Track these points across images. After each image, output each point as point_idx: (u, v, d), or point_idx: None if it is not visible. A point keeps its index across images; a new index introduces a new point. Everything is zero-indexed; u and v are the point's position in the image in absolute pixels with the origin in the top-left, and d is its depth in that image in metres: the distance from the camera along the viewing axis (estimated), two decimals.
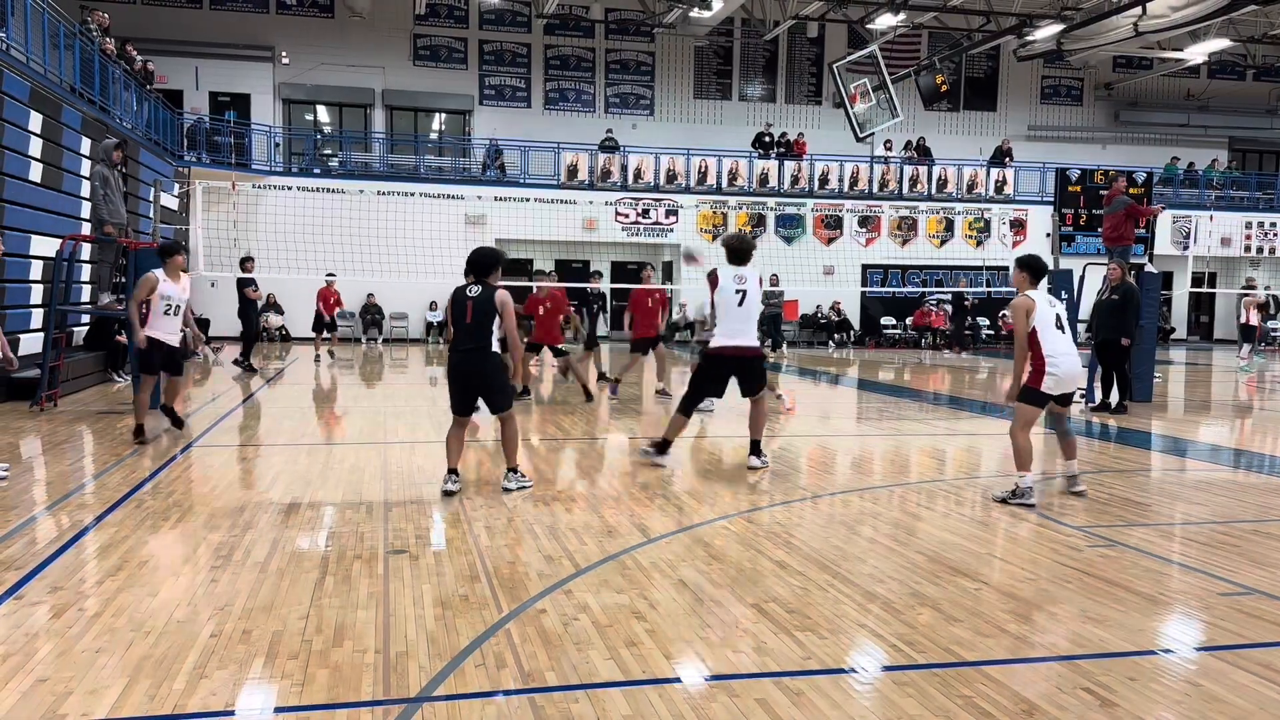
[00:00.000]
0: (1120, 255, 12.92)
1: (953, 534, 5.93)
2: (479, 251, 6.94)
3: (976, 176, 29.50)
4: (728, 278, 7.50)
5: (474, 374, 6.70)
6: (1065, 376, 6.90)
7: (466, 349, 6.67)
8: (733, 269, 7.59)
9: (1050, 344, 6.88)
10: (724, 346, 7.45)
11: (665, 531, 5.84)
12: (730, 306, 7.44)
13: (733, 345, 7.45)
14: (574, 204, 26.15)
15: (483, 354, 6.67)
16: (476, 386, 6.76)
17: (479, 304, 6.64)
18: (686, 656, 3.87)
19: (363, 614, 4.27)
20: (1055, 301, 7.15)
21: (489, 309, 6.64)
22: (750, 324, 7.47)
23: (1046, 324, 6.92)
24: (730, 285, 7.46)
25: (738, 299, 7.40)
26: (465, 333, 6.65)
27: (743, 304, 7.40)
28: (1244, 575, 5.10)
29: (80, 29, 15.65)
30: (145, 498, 6.61)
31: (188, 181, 22.52)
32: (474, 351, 6.66)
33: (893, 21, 25.11)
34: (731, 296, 7.42)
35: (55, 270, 11.74)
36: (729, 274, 7.52)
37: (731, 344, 7.45)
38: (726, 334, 7.45)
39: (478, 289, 6.72)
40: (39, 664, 3.68)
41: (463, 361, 6.71)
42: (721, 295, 7.45)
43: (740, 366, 7.52)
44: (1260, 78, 33.15)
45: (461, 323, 6.67)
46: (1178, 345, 30.02)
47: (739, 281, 7.44)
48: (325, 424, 10.75)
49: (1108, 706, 3.45)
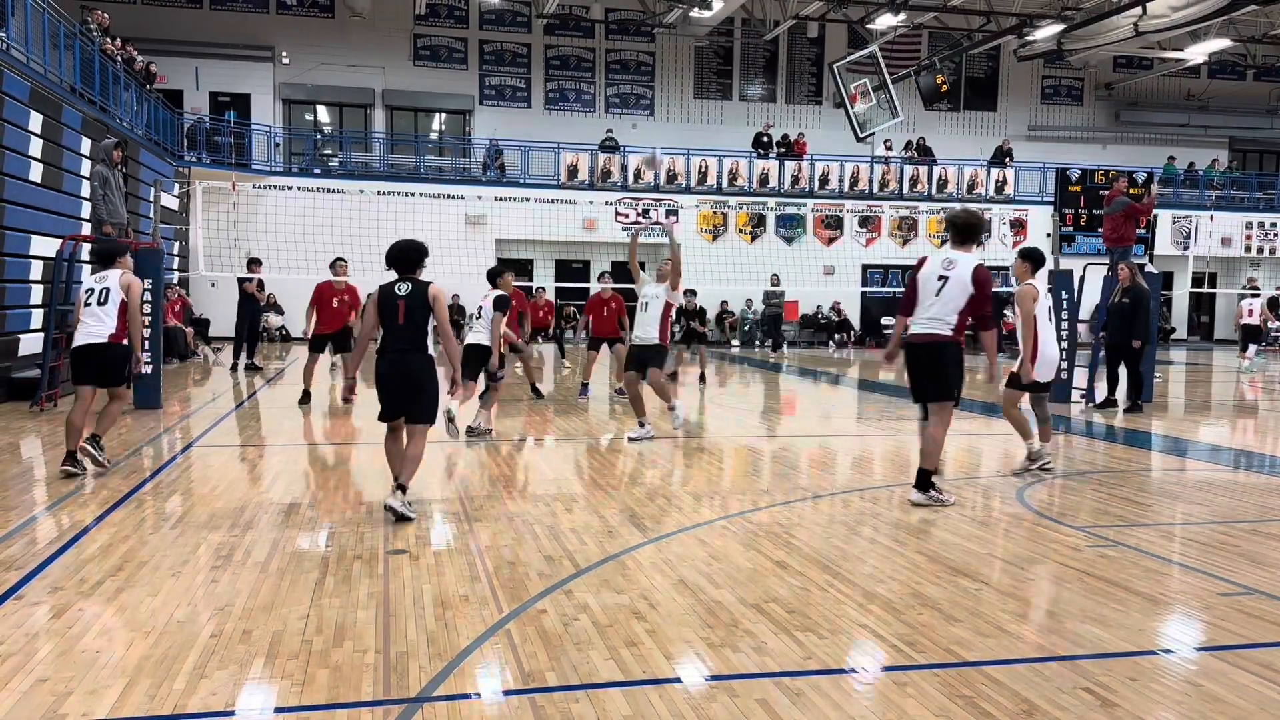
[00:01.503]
0: (1121, 256, 12.92)
1: (953, 534, 5.93)
2: (404, 245, 6.31)
3: (977, 176, 29.51)
4: (935, 260, 6.72)
5: (408, 377, 6.10)
6: (1047, 363, 7.75)
7: (400, 350, 6.10)
8: (944, 252, 6.76)
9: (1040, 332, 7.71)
10: (910, 334, 6.69)
11: (665, 531, 5.84)
12: (927, 292, 6.62)
13: (916, 332, 6.64)
14: (574, 204, 26.16)
15: (417, 356, 6.11)
16: (408, 391, 6.12)
17: (411, 301, 6.08)
18: (686, 656, 3.87)
19: (363, 614, 4.27)
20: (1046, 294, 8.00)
21: (423, 306, 6.09)
22: (943, 313, 6.51)
23: (1041, 313, 7.75)
24: (934, 269, 6.64)
25: (938, 286, 6.55)
26: (397, 334, 6.09)
27: (940, 292, 6.52)
28: (1244, 575, 5.10)
29: (80, 29, 15.65)
30: (145, 498, 6.61)
31: (188, 181, 22.53)
32: (408, 353, 6.09)
33: (893, 21, 25.11)
34: (932, 281, 6.59)
35: (55, 270, 11.74)
36: (938, 257, 6.74)
37: (916, 331, 6.64)
38: (916, 321, 6.66)
39: (407, 286, 6.16)
40: (39, 664, 3.67)
41: (396, 364, 6.10)
42: (921, 280, 6.67)
43: (923, 359, 6.64)
44: (1260, 78, 33.16)
45: (393, 324, 6.11)
46: (1178, 345, 30.02)
47: (946, 266, 6.59)
48: (325, 424, 10.75)
49: (1108, 706, 3.45)
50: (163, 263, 12.03)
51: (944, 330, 6.50)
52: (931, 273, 6.62)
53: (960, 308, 6.48)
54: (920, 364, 6.65)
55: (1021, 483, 7.57)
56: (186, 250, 22.65)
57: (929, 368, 6.60)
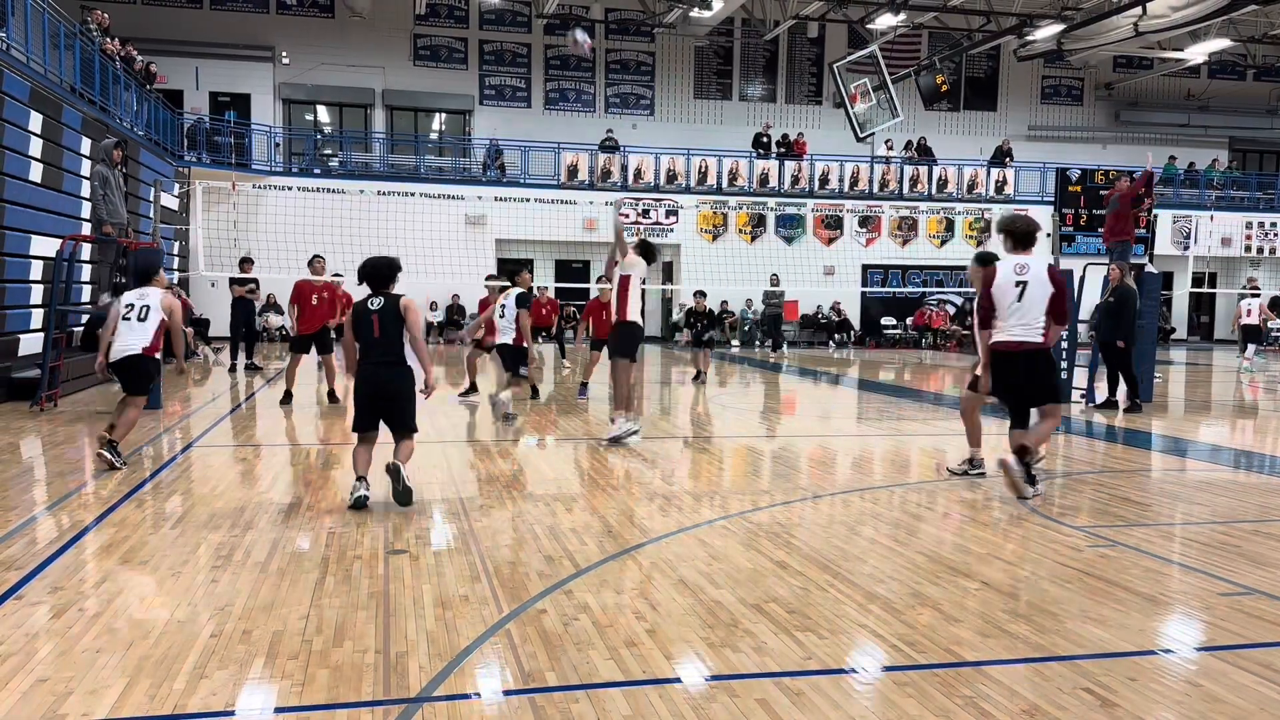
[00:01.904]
0: (1120, 255, 12.91)
1: (953, 534, 5.93)
2: (377, 263, 6.56)
3: (977, 176, 29.51)
4: (1006, 268, 6.72)
5: (386, 388, 6.34)
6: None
7: (375, 362, 6.32)
8: (1013, 258, 6.79)
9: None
10: (998, 342, 6.72)
11: (665, 531, 5.84)
12: (1008, 300, 6.65)
13: (1006, 340, 6.67)
14: (574, 204, 26.17)
15: (394, 368, 6.35)
16: (386, 402, 6.36)
17: (385, 315, 6.32)
18: (686, 656, 3.87)
19: (363, 614, 4.27)
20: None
21: (396, 318, 6.32)
22: (1032, 316, 6.60)
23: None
24: (1010, 276, 6.67)
25: (1017, 292, 6.60)
26: (373, 347, 6.32)
27: (1022, 298, 6.59)
28: (1244, 575, 5.10)
29: (80, 29, 15.65)
30: (145, 498, 6.61)
31: (188, 181, 22.53)
32: (384, 365, 6.31)
33: (893, 21, 25.11)
34: (1010, 289, 6.63)
35: (55, 270, 11.74)
36: (1009, 263, 6.75)
37: (1006, 339, 6.67)
38: (1002, 331, 6.69)
39: (379, 300, 6.39)
40: (39, 664, 3.67)
41: (373, 375, 6.33)
42: (999, 289, 6.68)
43: (1021, 366, 6.70)
44: (1260, 78, 33.17)
45: (369, 338, 6.32)
46: (1178, 345, 30.02)
47: (1020, 271, 6.65)
48: (325, 424, 10.75)
49: (1108, 706, 3.45)
50: (162, 263, 12.01)
51: (1035, 337, 6.62)
52: (1006, 281, 6.66)
53: (1045, 309, 6.58)
54: (1018, 373, 6.70)
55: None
56: (186, 250, 22.65)
57: (1029, 376, 6.70)
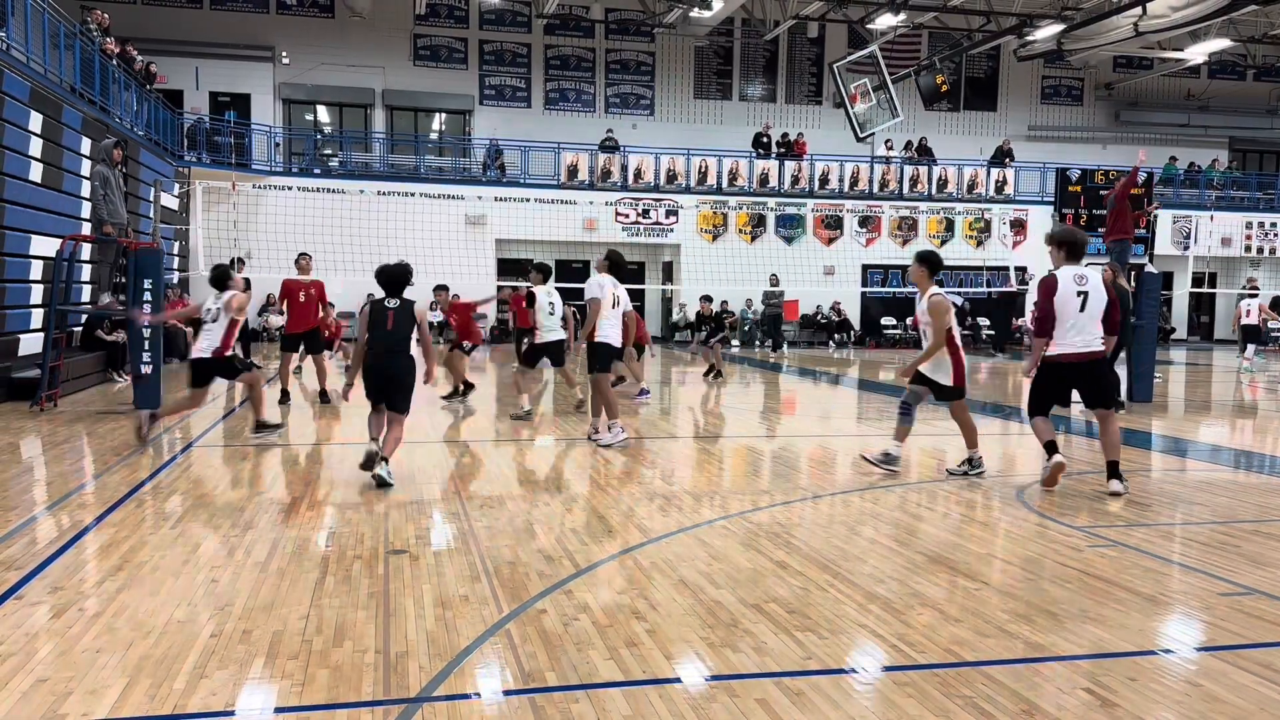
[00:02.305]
0: (1119, 254, 12.91)
1: (953, 534, 5.93)
2: (394, 270, 7.44)
3: (977, 176, 29.51)
4: (1067, 278, 6.96)
5: (391, 373, 7.26)
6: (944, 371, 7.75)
7: (386, 351, 7.24)
8: (1072, 269, 7.05)
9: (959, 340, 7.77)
10: (1063, 354, 6.95)
11: (665, 531, 5.84)
12: (1071, 311, 6.89)
13: (1073, 352, 6.93)
14: (574, 204, 26.17)
15: (400, 357, 7.29)
16: (389, 384, 7.28)
17: (400, 314, 7.30)
18: (686, 656, 3.87)
19: (363, 614, 4.27)
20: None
21: (409, 318, 7.33)
22: (1094, 326, 6.92)
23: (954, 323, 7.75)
24: (1071, 286, 6.93)
25: (1079, 302, 6.88)
26: (385, 337, 7.24)
27: (1084, 308, 6.87)
28: (1244, 575, 5.10)
29: (80, 29, 15.65)
30: (145, 498, 6.61)
31: (188, 181, 22.53)
32: (391, 354, 7.25)
33: (893, 21, 25.11)
34: (1073, 299, 6.90)
35: (55, 270, 11.74)
36: (1068, 274, 6.99)
37: (1072, 351, 6.93)
38: (1065, 341, 6.93)
39: (395, 301, 7.37)
40: (39, 664, 3.68)
41: (381, 362, 7.26)
42: (1062, 300, 6.91)
43: (1085, 373, 7.01)
44: (1260, 78, 33.17)
45: (382, 330, 7.24)
46: (1178, 345, 30.01)
47: (1080, 281, 6.93)
48: (325, 424, 10.75)
49: (1108, 706, 3.45)
50: (163, 263, 12.02)
51: (1099, 345, 7.02)
52: (1069, 291, 6.93)
53: (1102, 318, 7.01)
54: (1084, 378, 7.06)
55: (1022, 483, 7.57)
56: (186, 250, 22.65)
57: (1095, 381, 7.09)
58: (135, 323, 10.94)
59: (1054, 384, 7.15)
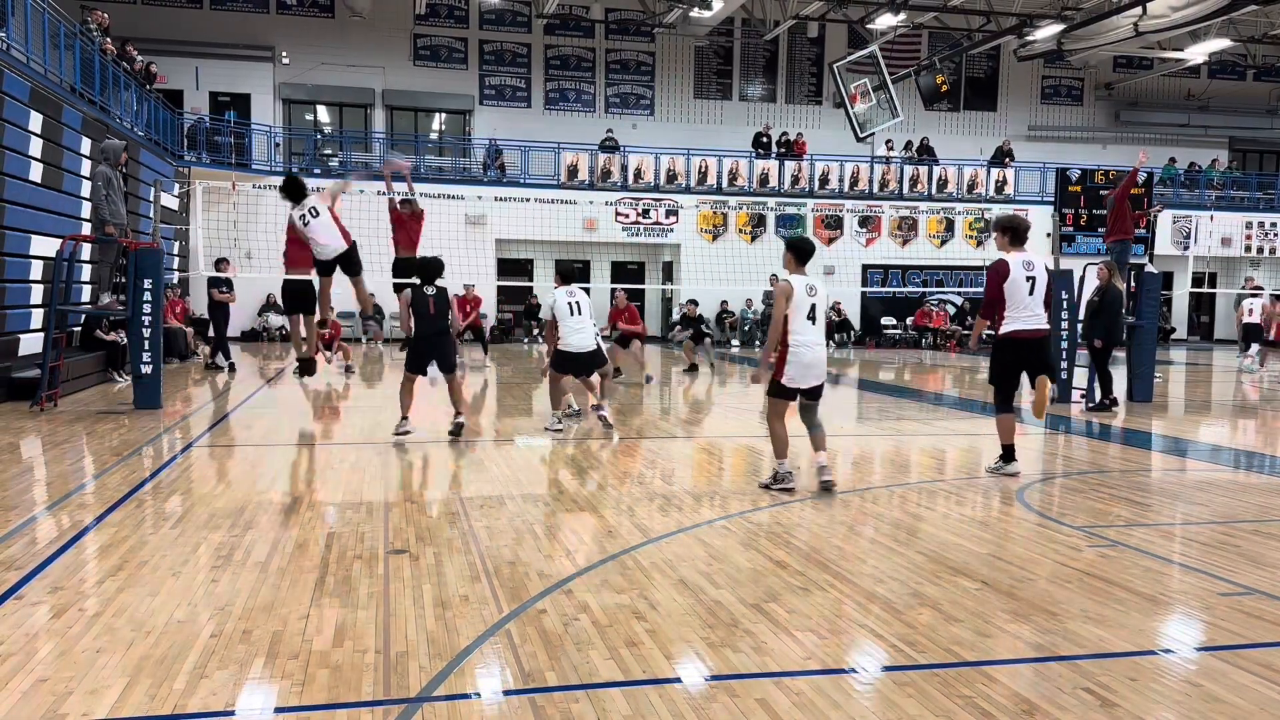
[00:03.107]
0: (1119, 253, 12.91)
1: (953, 534, 5.93)
2: (433, 261, 9.47)
3: (977, 176, 29.51)
4: (1017, 264, 7.59)
5: (436, 347, 9.33)
6: (806, 367, 7.00)
7: (431, 332, 9.25)
8: (1019, 255, 7.65)
9: (798, 333, 6.95)
10: (1021, 330, 7.57)
11: (665, 531, 5.84)
12: (1022, 294, 7.56)
13: (1029, 329, 7.60)
14: (574, 204, 26.16)
15: (443, 335, 9.39)
16: (439, 354, 9.36)
17: (439, 300, 9.27)
18: (686, 656, 3.87)
19: (363, 614, 4.27)
20: (816, 290, 7.09)
21: (446, 305, 9.38)
22: (1040, 307, 7.62)
23: (800, 311, 6.97)
24: (1021, 272, 7.58)
25: (1029, 286, 7.56)
26: (430, 320, 9.24)
27: (1033, 291, 7.55)
28: (1244, 575, 5.10)
29: (80, 29, 15.65)
30: (145, 498, 6.61)
31: (188, 181, 22.52)
32: (436, 334, 9.29)
33: (893, 21, 25.11)
34: (1023, 284, 7.56)
35: (55, 270, 11.73)
36: (1017, 260, 7.61)
37: (1027, 328, 7.59)
38: (1020, 320, 7.57)
39: (433, 289, 9.22)
40: (39, 664, 3.67)
41: (429, 341, 9.29)
42: (1014, 284, 7.55)
43: (1037, 347, 7.70)
44: (1260, 78, 33.16)
45: (426, 314, 9.21)
46: (1178, 345, 30.00)
47: (1028, 268, 7.60)
48: (325, 424, 10.75)
49: (1108, 706, 3.45)
50: (163, 262, 12.01)
51: (1045, 324, 7.69)
52: (1020, 276, 7.57)
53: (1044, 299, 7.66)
54: (1033, 353, 7.68)
55: (1022, 483, 7.57)
56: (186, 250, 22.64)
57: (1041, 355, 7.75)
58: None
59: (1013, 360, 7.69)
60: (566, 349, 9.74)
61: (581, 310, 9.83)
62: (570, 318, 9.75)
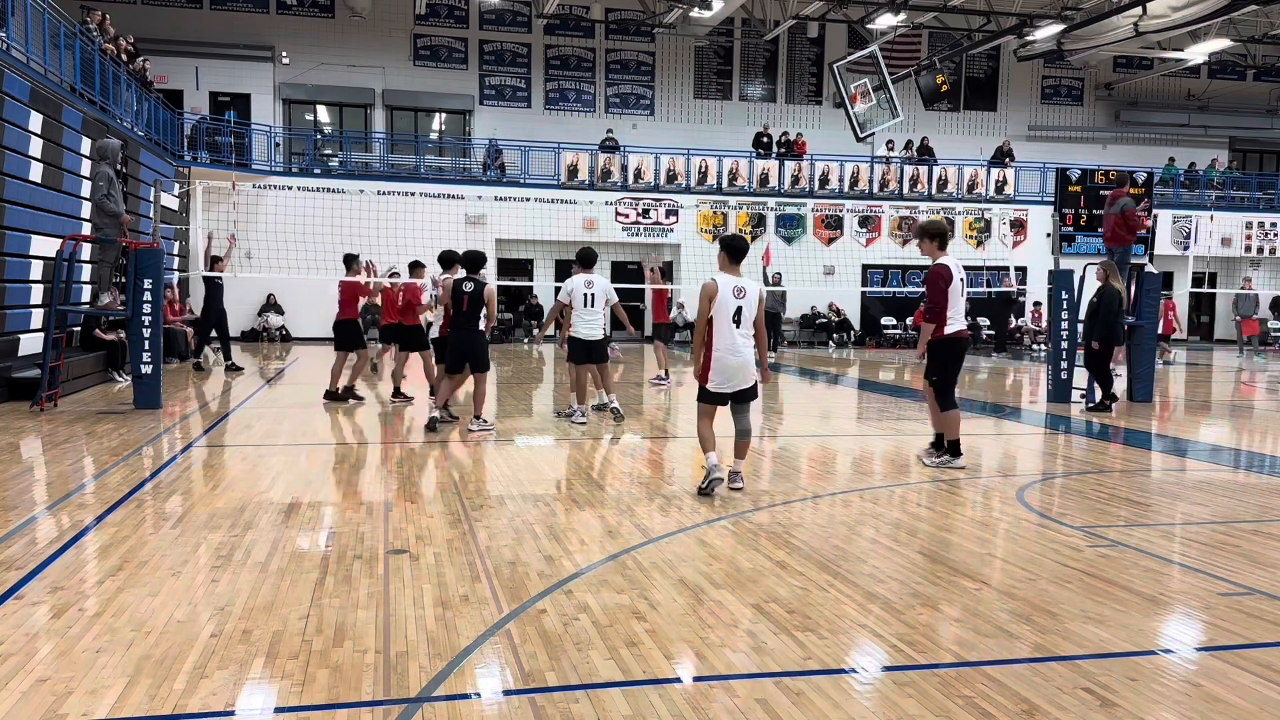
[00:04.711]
0: (1121, 256, 12.90)
1: (953, 534, 5.93)
2: (473, 253, 9.64)
3: (977, 176, 29.50)
4: (956, 266, 8.08)
5: (468, 345, 9.32)
6: (729, 372, 6.77)
7: (462, 328, 9.30)
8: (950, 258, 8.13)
9: (721, 336, 6.70)
10: (961, 330, 8.12)
11: (665, 531, 5.84)
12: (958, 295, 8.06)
13: (965, 328, 8.18)
14: (574, 204, 26.16)
15: (473, 332, 9.36)
16: (470, 353, 9.37)
17: (473, 297, 9.24)
18: (686, 656, 3.87)
19: (363, 614, 4.27)
20: (745, 292, 6.73)
21: (479, 301, 9.24)
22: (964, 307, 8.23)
23: (724, 314, 6.69)
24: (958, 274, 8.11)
25: (962, 286, 8.11)
26: (463, 316, 9.22)
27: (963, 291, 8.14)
28: (1244, 575, 5.10)
29: (80, 29, 15.65)
30: (145, 498, 6.61)
31: (188, 181, 22.52)
32: (467, 331, 9.35)
33: (893, 21, 25.10)
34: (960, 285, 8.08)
35: (55, 270, 11.74)
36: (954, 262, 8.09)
37: (963, 327, 8.15)
38: (959, 319, 8.07)
39: (471, 285, 9.23)
40: (39, 664, 3.68)
41: (461, 337, 9.33)
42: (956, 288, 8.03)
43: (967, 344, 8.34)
44: (1260, 78, 33.15)
45: (459, 308, 9.21)
46: (1178, 345, 29.98)
47: (959, 270, 8.15)
48: (326, 423, 10.75)
49: (1108, 706, 3.45)
50: (163, 262, 12.01)
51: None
52: (960, 280, 8.04)
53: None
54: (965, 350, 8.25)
55: (1021, 482, 7.57)
56: (186, 250, 22.65)
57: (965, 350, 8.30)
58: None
59: (957, 358, 8.22)
60: (575, 335, 10.52)
61: (594, 303, 10.55)
62: (584, 308, 10.54)
